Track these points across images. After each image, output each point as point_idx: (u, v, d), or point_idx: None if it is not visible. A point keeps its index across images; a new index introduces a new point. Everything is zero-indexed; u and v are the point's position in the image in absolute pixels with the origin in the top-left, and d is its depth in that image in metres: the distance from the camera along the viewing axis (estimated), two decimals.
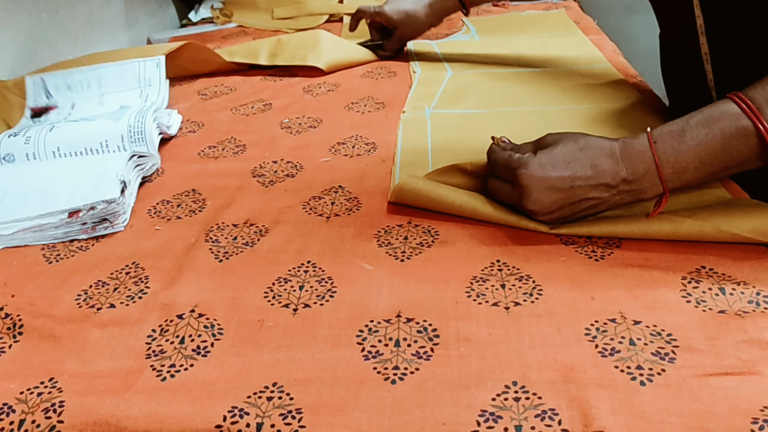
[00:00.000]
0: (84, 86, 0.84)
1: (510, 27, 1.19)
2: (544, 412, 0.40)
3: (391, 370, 0.44)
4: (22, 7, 0.99)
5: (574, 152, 0.54)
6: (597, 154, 0.53)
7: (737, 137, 0.51)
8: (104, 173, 0.64)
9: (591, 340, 0.45)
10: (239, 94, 0.96)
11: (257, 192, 0.68)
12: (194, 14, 1.48)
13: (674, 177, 0.52)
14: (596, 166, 0.53)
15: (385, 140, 0.77)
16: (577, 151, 0.54)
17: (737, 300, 0.47)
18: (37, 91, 0.84)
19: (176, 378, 0.44)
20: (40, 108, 0.83)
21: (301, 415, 0.41)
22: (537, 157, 0.54)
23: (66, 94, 0.84)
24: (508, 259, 0.54)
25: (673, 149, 0.52)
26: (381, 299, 0.50)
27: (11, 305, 0.52)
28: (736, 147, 0.51)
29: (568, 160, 0.53)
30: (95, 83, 0.85)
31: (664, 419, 0.38)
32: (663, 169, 0.52)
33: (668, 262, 0.52)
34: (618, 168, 0.53)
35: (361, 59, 1.05)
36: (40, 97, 0.84)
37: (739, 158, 0.51)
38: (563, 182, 0.53)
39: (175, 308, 0.51)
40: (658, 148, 0.52)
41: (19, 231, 0.61)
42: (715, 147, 0.51)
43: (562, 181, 0.53)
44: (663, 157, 0.52)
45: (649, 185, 0.53)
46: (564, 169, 0.53)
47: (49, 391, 0.44)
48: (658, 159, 0.52)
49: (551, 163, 0.53)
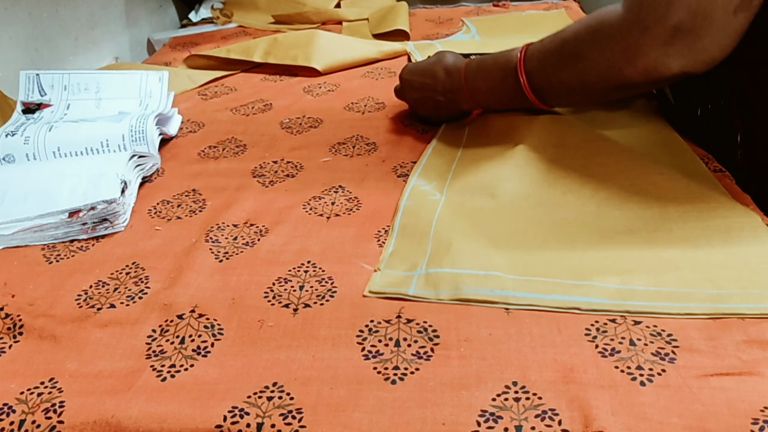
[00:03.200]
0: (81, 89, 0.84)
1: (510, 27, 1.19)
2: (544, 413, 0.40)
3: (392, 370, 0.44)
4: (22, 6, 0.99)
5: (431, 64, 0.74)
6: (440, 67, 0.72)
7: (507, 68, 0.66)
8: (104, 173, 0.64)
9: (591, 340, 0.45)
10: (239, 94, 0.96)
11: (257, 192, 0.68)
12: (194, 14, 1.48)
13: (475, 95, 0.70)
14: (436, 76, 0.72)
15: (386, 140, 0.77)
16: (433, 63, 0.74)
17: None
18: (30, 86, 0.83)
19: (176, 378, 0.44)
20: (32, 104, 0.82)
21: (302, 415, 0.41)
22: (413, 64, 0.77)
23: (61, 93, 0.83)
24: None
25: (473, 75, 0.70)
26: (381, 299, 0.50)
27: (11, 305, 0.52)
28: (507, 78, 0.66)
29: (425, 69, 0.74)
30: (93, 87, 0.84)
31: (664, 420, 0.38)
32: (467, 88, 0.70)
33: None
34: (446, 80, 0.72)
35: (358, 59, 1.05)
36: (32, 93, 0.83)
37: (512, 90, 0.66)
38: (418, 85, 0.75)
39: (176, 308, 0.51)
40: (467, 71, 0.70)
41: (19, 231, 0.61)
42: (497, 77, 0.68)
43: (417, 84, 0.75)
44: (468, 78, 0.70)
45: (462, 98, 0.72)
46: (420, 76, 0.74)
47: (49, 391, 0.44)
48: (464, 79, 0.70)
49: (417, 71, 0.75)
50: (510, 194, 0.61)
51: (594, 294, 0.48)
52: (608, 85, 0.60)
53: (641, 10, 0.52)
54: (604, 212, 0.57)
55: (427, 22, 1.27)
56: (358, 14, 1.32)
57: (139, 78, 0.87)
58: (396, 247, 0.56)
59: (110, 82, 0.86)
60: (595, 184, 0.61)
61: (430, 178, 0.66)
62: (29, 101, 0.81)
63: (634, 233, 0.54)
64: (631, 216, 0.56)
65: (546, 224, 0.56)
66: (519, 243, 0.55)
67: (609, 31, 0.56)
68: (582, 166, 0.63)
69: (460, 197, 0.62)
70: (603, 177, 0.61)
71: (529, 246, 0.54)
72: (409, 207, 0.61)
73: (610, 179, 0.61)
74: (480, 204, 0.61)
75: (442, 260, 0.52)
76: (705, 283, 0.48)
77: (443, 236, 0.56)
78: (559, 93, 0.65)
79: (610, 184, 0.60)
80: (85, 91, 0.84)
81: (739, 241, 0.52)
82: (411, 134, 0.78)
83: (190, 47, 1.22)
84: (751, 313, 0.45)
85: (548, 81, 0.64)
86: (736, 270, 0.49)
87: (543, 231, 0.56)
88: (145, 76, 0.87)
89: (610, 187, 0.60)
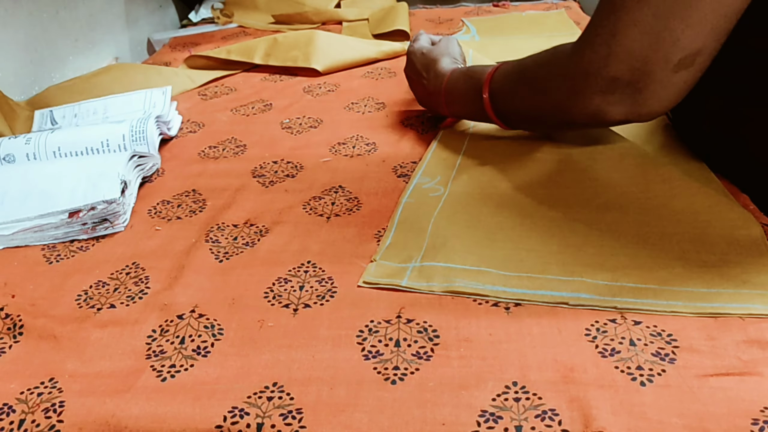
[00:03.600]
0: (90, 113, 0.86)
1: (510, 27, 1.19)
2: (544, 413, 0.40)
3: (392, 370, 0.44)
4: (22, 7, 0.99)
5: (433, 58, 0.75)
6: (435, 67, 0.74)
7: (477, 84, 0.66)
8: (105, 173, 0.64)
9: (591, 340, 0.45)
10: (240, 94, 0.96)
11: (257, 192, 0.68)
12: (194, 14, 1.48)
13: (450, 104, 0.72)
14: (428, 72, 0.74)
15: (386, 140, 0.77)
16: (433, 58, 0.75)
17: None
18: (44, 120, 0.86)
19: (176, 378, 0.44)
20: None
21: (302, 415, 0.41)
22: (425, 48, 0.78)
23: (71, 120, 0.86)
24: None
25: (453, 84, 0.71)
26: (381, 299, 0.50)
27: (12, 305, 0.52)
28: (476, 94, 0.66)
29: (428, 61, 0.75)
30: (101, 110, 0.86)
31: (664, 420, 0.38)
32: (445, 95, 0.72)
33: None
34: (432, 80, 0.73)
35: (358, 59, 1.05)
36: (45, 125, 0.86)
37: (480, 107, 0.66)
38: (417, 73, 0.76)
39: (176, 308, 0.51)
40: (450, 78, 0.71)
41: (19, 231, 0.61)
42: (470, 92, 0.67)
43: (417, 71, 0.76)
44: (448, 86, 0.71)
45: (437, 103, 0.74)
46: (419, 63, 0.76)
47: (49, 391, 0.44)
48: (445, 84, 0.71)
49: (420, 58, 0.77)
50: (513, 188, 0.62)
51: (583, 289, 0.49)
52: (558, 120, 0.60)
53: (583, 56, 0.52)
54: (602, 212, 0.57)
55: (427, 23, 1.27)
56: (358, 14, 1.32)
57: (143, 96, 0.88)
58: (393, 240, 0.57)
59: (116, 104, 0.87)
60: (597, 187, 0.61)
61: (434, 174, 0.67)
62: (41, 130, 0.84)
63: (629, 231, 0.54)
64: (628, 215, 0.56)
65: (544, 221, 0.57)
66: (516, 238, 0.55)
67: (559, 69, 0.56)
68: (586, 168, 0.64)
69: (465, 188, 0.64)
70: (605, 180, 0.62)
71: (525, 241, 0.55)
72: (410, 204, 0.62)
73: (612, 182, 0.61)
74: (483, 196, 0.62)
75: (436, 254, 0.53)
76: (695, 282, 0.48)
77: (440, 232, 0.56)
78: (518, 118, 0.66)
79: (610, 188, 0.60)
80: (93, 115, 0.86)
81: (734, 240, 0.52)
82: (411, 134, 0.78)
83: (191, 47, 1.22)
84: (739, 312, 0.45)
85: (507, 105, 0.64)
86: (728, 269, 0.49)
87: (540, 227, 0.56)
88: (149, 93, 0.88)
89: (609, 192, 0.60)
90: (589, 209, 0.58)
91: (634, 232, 0.54)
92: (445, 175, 0.67)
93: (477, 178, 0.65)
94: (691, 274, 0.49)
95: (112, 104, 0.87)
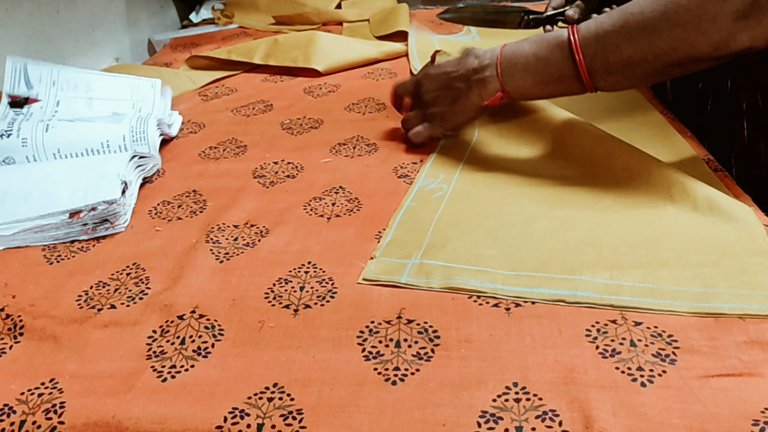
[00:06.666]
0: (70, 86, 0.82)
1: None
2: (544, 414, 0.40)
3: (392, 371, 0.44)
4: (23, 7, 0.99)
5: (460, 57, 0.70)
6: (470, 54, 0.69)
7: (556, 47, 0.62)
8: (105, 174, 0.64)
9: (592, 341, 0.45)
10: (240, 95, 0.96)
11: (258, 193, 0.68)
12: (195, 15, 1.49)
13: (508, 69, 0.65)
14: (461, 62, 0.69)
15: (387, 141, 0.77)
16: (462, 55, 0.70)
17: None
18: (17, 76, 0.80)
19: (177, 379, 0.44)
20: (19, 97, 0.80)
21: (302, 415, 0.41)
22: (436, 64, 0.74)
23: (49, 88, 0.81)
24: None
25: (511, 53, 0.65)
26: (382, 300, 0.50)
27: (12, 306, 0.52)
28: (555, 56, 0.62)
29: (450, 60, 0.71)
30: (83, 86, 0.82)
31: (664, 421, 0.38)
32: (501, 65, 0.65)
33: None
34: (474, 61, 0.68)
35: (359, 60, 1.05)
36: (19, 84, 0.80)
37: (557, 69, 0.62)
38: (438, 76, 0.71)
39: (176, 309, 0.51)
40: (504, 49, 0.66)
41: (20, 232, 0.61)
42: (540, 53, 0.63)
43: (438, 75, 0.71)
44: (505, 54, 0.65)
45: (489, 75, 0.66)
46: (443, 67, 0.71)
47: (49, 391, 0.44)
48: (500, 55, 0.66)
49: (440, 64, 0.72)
50: (516, 188, 0.63)
51: (581, 288, 0.49)
52: (673, 59, 0.57)
53: None
54: (602, 212, 0.57)
55: (427, 23, 1.27)
56: (358, 15, 1.32)
57: (131, 82, 0.86)
58: (393, 238, 0.57)
59: (100, 83, 0.85)
60: (600, 190, 0.61)
61: (437, 174, 0.67)
62: (15, 94, 0.79)
63: (630, 231, 0.55)
64: (627, 215, 0.56)
65: (546, 220, 0.57)
66: (517, 236, 0.55)
67: (682, 1, 0.55)
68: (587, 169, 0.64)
69: (469, 186, 0.64)
70: (608, 183, 0.62)
71: (526, 240, 0.55)
72: (412, 207, 0.62)
73: (614, 186, 0.61)
74: (486, 193, 0.62)
75: (437, 254, 0.54)
76: (693, 281, 0.48)
77: (442, 233, 0.57)
78: (616, 70, 0.60)
79: (613, 192, 0.61)
80: (74, 89, 0.82)
81: (734, 241, 0.52)
82: None
83: (191, 48, 1.22)
84: (737, 312, 0.45)
85: (605, 59, 0.60)
86: (727, 269, 0.49)
87: (542, 226, 0.56)
88: (137, 81, 0.86)
89: (612, 195, 0.60)
90: (589, 209, 0.58)
91: (633, 232, 0.54)
92: (449, 172, 0.67)
93: (479, 179, 0.65)
94: (690, 273, 0.49)
95: (95, 83, 0.84)
